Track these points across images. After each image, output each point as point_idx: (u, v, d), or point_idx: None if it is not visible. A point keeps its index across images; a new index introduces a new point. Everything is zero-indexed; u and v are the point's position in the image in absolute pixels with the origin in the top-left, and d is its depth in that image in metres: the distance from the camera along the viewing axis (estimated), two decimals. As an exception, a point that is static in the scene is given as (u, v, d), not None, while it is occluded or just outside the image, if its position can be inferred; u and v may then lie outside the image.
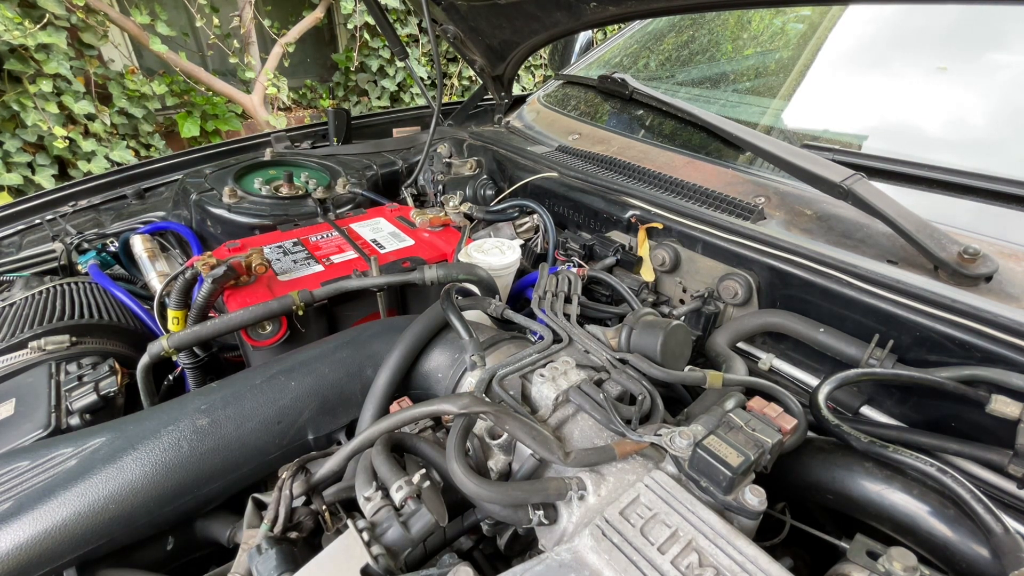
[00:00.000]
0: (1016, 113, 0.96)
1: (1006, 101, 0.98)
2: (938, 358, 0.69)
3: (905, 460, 0.55)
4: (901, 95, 1.09)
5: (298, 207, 1.25)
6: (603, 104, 1.54)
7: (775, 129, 1.18)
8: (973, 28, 1.08)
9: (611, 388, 0.60)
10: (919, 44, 1.14)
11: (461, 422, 0.52)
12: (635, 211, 1.04)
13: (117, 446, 0.58)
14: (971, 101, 1.01)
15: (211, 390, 0.67)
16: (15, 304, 0.97)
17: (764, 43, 1.48)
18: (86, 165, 3.97)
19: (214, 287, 0.82)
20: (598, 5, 1.09)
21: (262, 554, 0.47)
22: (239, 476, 0.63)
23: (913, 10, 1.17)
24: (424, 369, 0.74)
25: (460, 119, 1.82)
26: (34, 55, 3.52)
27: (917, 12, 1.16)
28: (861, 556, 0.48)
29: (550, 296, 0.79)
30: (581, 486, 0.49)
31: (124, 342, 0.96)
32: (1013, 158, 0.91)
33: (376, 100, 6.14)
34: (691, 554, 0.41)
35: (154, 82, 4.35)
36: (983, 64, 1.03)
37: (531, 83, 6.94)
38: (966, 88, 1.03)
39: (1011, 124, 0.96)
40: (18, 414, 0.74)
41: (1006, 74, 1.00)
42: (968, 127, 0.99)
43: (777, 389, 0.62)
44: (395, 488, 0.48)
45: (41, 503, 0.53)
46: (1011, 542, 0.46)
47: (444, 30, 1.45)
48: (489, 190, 1.40)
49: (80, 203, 1.43)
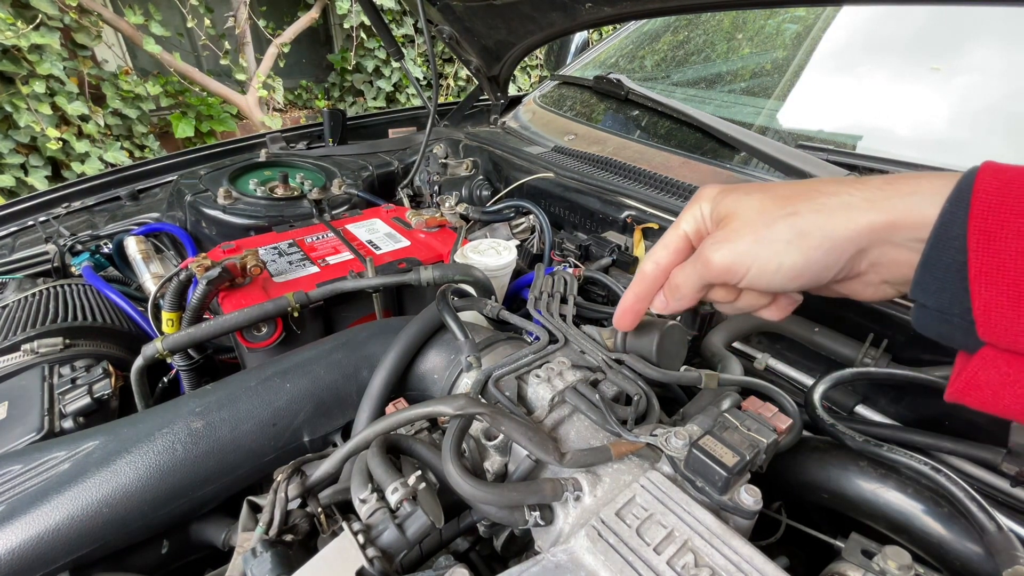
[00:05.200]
0: (1012, 114, 0.97)
1: (1001, 101, 0.99)
2: (932, 357, 0.69)
3: (899, 459, 0.55)
4: (895, 96, 1.09)
5: (293, 208, 1.25)
6: (599, 104, 1.54)
7: (770, 129, 1.18)
8: (968, 28, 1.09)
9: (607, 389, 0.60)
10: (913, 45, 1.15)
11: (457, 423, 0.52)
12: (631, 211, 1.04)
13: (111, 449, 0.58)
14: (965, 101, 1.02)
15: (206, 392, 0.66)
16: (8, 306, 0.96)
17: (759, 44, 1.49)
18: (80, 166, 3.95)
19: (209, 289, 0.81)
20: (593, 6, 1.09)
21: (257, 557, 0.47)
22: (234, 479, 0.63)
23: (907, 11, 1.17)
24: (420, 370, 0.73)
25: (456, 120, 1.82)
26: (27, 56, 3.50)
27: (911, 13, 1.17)
28: (856, 555, 0.48)
29: (546, 297, 0.79)
30: (577, 487, 0.49)
31: (118, 344, 0.96)
32: (1009, 158, 0.91)
33: (372, 101, 6.13)
34: (687, 554, 0.41)
35: (148, 83, 4.34)
36: (978, 64, 1.04)
37: (527, 84, 6.95)
38: (960, 88, 1.04)
39: (1006, 125, 0.96)
40: (10, 417, 0.73)
41: (1002, 74, 1.00)
42: (961, 127, 1.00)
43: (772, 389, 0.62)
44: (391, 490, 0.48)
45: (34, 507, 0.53)
46: (1004, 540, 0.46)
47: (440, 31, 1.45)
48: (485, 191, 1.40)
49: (74, 204, 1.42)
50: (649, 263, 0.52)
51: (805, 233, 0.41)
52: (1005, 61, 1.00)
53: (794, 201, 0.42)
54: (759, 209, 0.44)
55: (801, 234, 0.41)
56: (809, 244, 0.41)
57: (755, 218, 0.43)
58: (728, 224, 0.45)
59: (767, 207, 0.43)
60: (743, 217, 0.44)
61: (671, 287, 0.51)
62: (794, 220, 0.41)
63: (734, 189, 0.47)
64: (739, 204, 0.45)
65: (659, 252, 0.51)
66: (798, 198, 0.42)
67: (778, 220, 0.42)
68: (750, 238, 0.43)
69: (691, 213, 0.49)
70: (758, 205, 0.44)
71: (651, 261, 0.52)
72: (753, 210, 0.44)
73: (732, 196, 0.46)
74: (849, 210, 0.40)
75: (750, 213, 0.44)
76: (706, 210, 0.48)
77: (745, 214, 0.44)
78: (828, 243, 0.40)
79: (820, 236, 0.40)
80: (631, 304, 0.56)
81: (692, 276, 0.48)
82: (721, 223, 0.46)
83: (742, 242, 0.44)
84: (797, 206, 0.42)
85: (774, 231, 0.42)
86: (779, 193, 0.44)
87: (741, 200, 0.45)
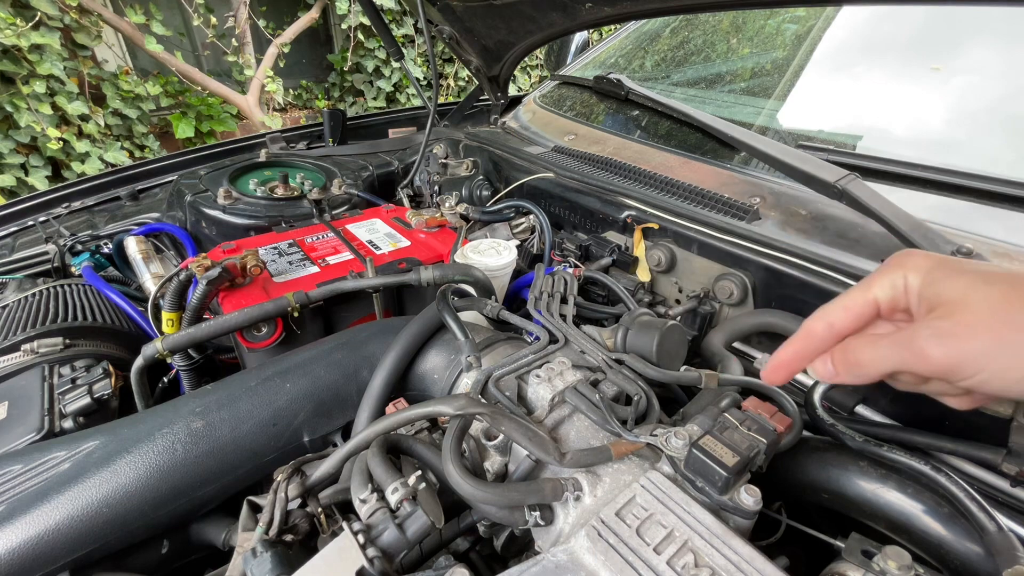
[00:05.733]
0: (1010, 114, 0.97)
1: (1000, 102, 0.99)
2: (932, 357, 0.69)
3: (899, 459, 0.55)
4: (895, 95, 1.09)
5: (293, 208, 1.25)
6: (599, 104, 1.54)
7: (770, 129, 1.18)
8: (969, 28, 1.09)
9: (607, 389, 0.60)
10: (913, 45, 1.15)
11: (457, 423, 0.52)
12: (631, 211, 1.04)
13: (111, 449, 0.58)
14: (965, 101, 1.02)
15: (206, 392, 0.66)
16: (8, 306, 0.96)
17: (759, 44, 1.49)
18: (80, 166, 3.95)
19: (209, 289, 0.81)
20: (593, 6, 1.09)
21: (257, 557, 0.47)
22: (234, 479, 0.63)
23: (907, 11, 1.17)
24: (420, 370, 0.73)
25: (456, 120, 1.82)
26: (27, 56, 3.49)
27: (911, 13, 1.17)
28: (856, 555, 0.48)
29: (546, 297, 0.79)
30: (577, 487, 0.49)
31: (118, 344, 0.96)
32: (1007, 158, 0.92)
33: (372, 101, 6.13)
34: (687, 554, 0.41)
35: (148, 83, 4.33)
36: (978, 64, 1.04)
37: (527, 84, 6.95)
38: (960, 88, 1.03)
39: (1005, 125, 0.96)
40: (11, 417, 0.73)
41: (1003, 74, 1.00)
42: (961, 127, 1.00)
43: (772, 389, 0.62)
44: (391, 490, 0.48)
45: (34, 507, 0.53)
46: (1004, 540, 0.46)
47: (440, 31, 1.45)
48: (485, 191, 1.40)
49: (74, 204, 1.42)
50: (821, 323, 0.44)
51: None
52: (1006, 61, 1.00)
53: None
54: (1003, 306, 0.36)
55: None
56: None
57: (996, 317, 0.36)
58: (954, 315, 0.37)
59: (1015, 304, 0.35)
60: (978, 312, 0.36)
61: (851, 363, 0.43)
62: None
63: (961, 268, 0.39)
64: (972, 293, 0.37)
65: (836, 313, 0.44)
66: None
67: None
68: (988, 339, 0.36)
69: (890, 280, 0.42)
70: (1001, 300, 0.36)
71: (824, 321, 0.44)
72: (993, 305, 0.36)
73: (961, 280, 0.38)
74: None
75: (988, 308, 0.36)
76: (914, 283, 0.40)
77: (981, 308, 0.36)
78: None
79: None
80: (788, 361, 0.47)
81: (889, 359, 0.40)
82: (939, 309, 0.38)
83: (976, 343, 0.36)
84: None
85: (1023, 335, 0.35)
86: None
87: (977, 289, 0.37)
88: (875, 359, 0.41)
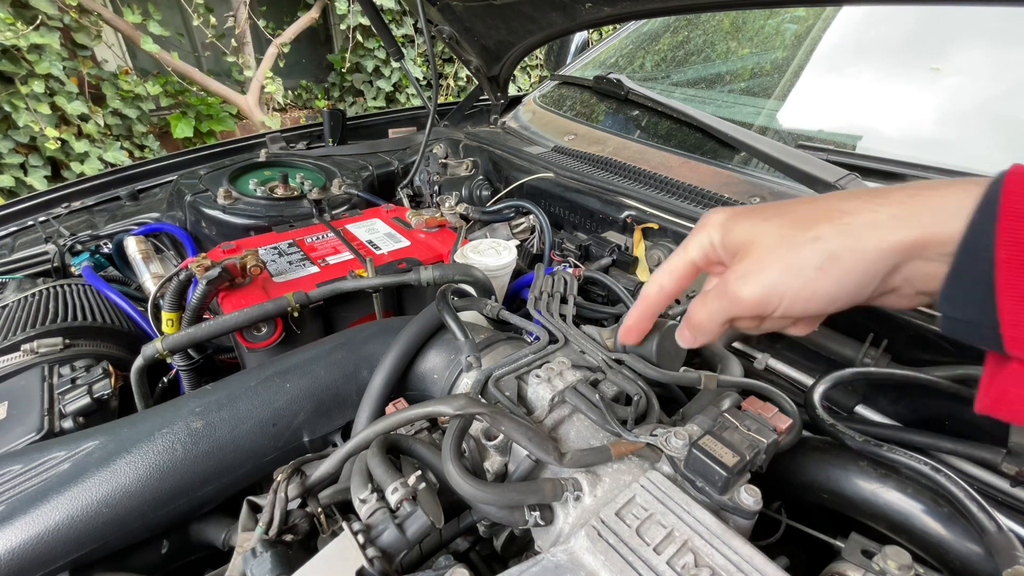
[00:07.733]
0: (1010, 113, 0.97)
1: (1002, 101, 0.99)
2: (932, 357, 0.69)
3: (899, 459, 0.55)
4: (895, 95, 1.09)
5: (293, 208, 1.25)
6: (599, 105, 1.54)
7: (770, 129, 1.18)
8: (969, 28, 1.09)
9: (607, 389, 0.60)
10: (913, 45, 1.15)
11: (457, 423, 0.52)
12: (631, 211, 1.04)
13: (111, 449, 0.58)
14: (966, 101, 1.02)
15: (206, 392, 0.66)
16: (7, 306, 0.96)
17: (759, 44, 1.49)
18: (79, 166, 3.95)
19: (209, 289, 0.81)
20: (593, 6, 1.09)
21: (257, 557, 0.47)
22: (234, 479, 0.63)
23: (907, 11, 1.17)
24: (420, 370, 0.73)
25: (456, 120, 1.82)
26: (26, 56, 3.49)
27: (911, 13, 1.17)
28: (856, 555, 0.48)
29: (546, 297, 0.79)
30: (577, 487, 0.49)
31: (118, 344, 0.96)
32: (1010, 158, 0.91)
33: (372, 101, 6.13)
34: (687, 554, 0.41)
35: (148, 83, 4.33)
36: (979, 64, 1.04)
37: (527, 83, 6.95)
38: (961, 88, 1.04)
39: (1005, 125, 0.96)
40: (10, 417, 0.73)
41: (1003, 74, 1.00)
42: (961, 127, 1.00)
43: (771, 389, 0.62)
44: (391, 490, 0.48)
45: (34, 507, 0.53)
46: (1004, 540, 0.46)
47: (439, 31, 1.45)
48: (485, 191, 1.40)
49: (73, 204, 1.42)
50: (653, 286, 0.51)
51: (835, 257, 0.39)
52: (1006, 61, 1.00)
53: (815, 223, 0.40)
54: (779, 235, 0.41)
55: (831, 258, 0.39)
56: (841, 268, 0.39)
57: (777, 245, 0.41)
58: (748, 255, 0.42)
59: (787, 232, 0.40)
60: (764, 245, 0.41)
61: (694, 324, 0.49)
62: (820, 244, 0.39)
63: (745, 214, 0.44)
64: (756, 231, 0.42)
65: (663, 277, 0.50)
66: (819, 219, 0.40)
67: (803, 246, 0.39)
68: (777, 268, 0.40)
69: (698, 240, 0.47)
70: (777, 231, 0.41)
71: (655, 284, 0.51)
72: (773, 237, 0.41)
73: (746, 223, 0.43)
74: (876, 229, 0.37)
75: (770, 240, 0.41)
76: (715, 238, 0.45)
77: (765, 242, 0.41)
78: (861, 266, 0.38)
79: (851, 259, 0.38)
80: (634, 323, 0.57)
81: (717, 312, 0.46)
82: (739, 254, 0.44)
83: (769, 273, 0.41)
84: (819, 229, 0.39)
85: (801, 258, 0.39)
86: (797, 216, 0.41)
87: (758, 227, 0.42)
88: (708, 315, 0.47)
